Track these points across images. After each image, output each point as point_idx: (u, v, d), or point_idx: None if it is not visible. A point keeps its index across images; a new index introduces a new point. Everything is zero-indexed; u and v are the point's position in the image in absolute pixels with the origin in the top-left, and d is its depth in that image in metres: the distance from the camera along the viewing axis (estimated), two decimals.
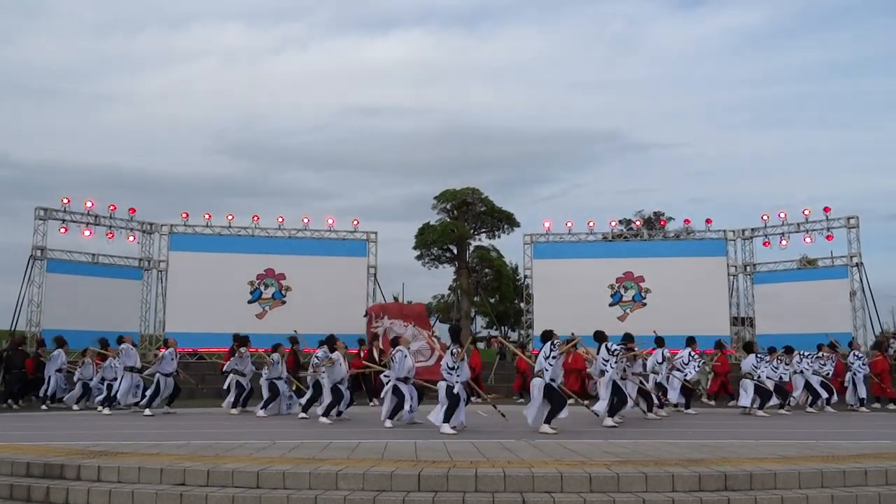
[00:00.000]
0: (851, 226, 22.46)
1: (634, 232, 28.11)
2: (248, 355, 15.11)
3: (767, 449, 8.28)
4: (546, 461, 7.17)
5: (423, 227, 39.22)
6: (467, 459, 7.26)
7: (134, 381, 14.83)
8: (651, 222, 38.06)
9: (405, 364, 11.85)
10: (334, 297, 22.65)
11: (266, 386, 14.34)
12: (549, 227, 25.02)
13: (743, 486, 6.42)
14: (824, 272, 23.22)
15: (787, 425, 12.24)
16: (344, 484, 6.39)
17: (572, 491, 6.28)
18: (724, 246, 24.15)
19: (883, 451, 8.03)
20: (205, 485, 6.59)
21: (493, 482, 6.33)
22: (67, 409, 16.16)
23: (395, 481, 6.39)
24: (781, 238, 23.39)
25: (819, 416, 13.95)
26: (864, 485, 6.69)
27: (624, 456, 7.61)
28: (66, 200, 22.08)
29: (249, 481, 6.52)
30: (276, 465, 6.81)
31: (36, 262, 21.38)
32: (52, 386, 16.76)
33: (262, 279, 23.63)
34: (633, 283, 23.98)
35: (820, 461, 7.24)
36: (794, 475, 6.60)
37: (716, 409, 16.65)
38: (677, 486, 6.36)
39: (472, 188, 39.71)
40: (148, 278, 23.58)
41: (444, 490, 6.30)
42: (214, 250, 23.46)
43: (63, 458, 7.38)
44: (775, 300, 22.42)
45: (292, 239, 24.26)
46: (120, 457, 7.47)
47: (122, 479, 6.84)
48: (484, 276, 40.10)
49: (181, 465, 6.89)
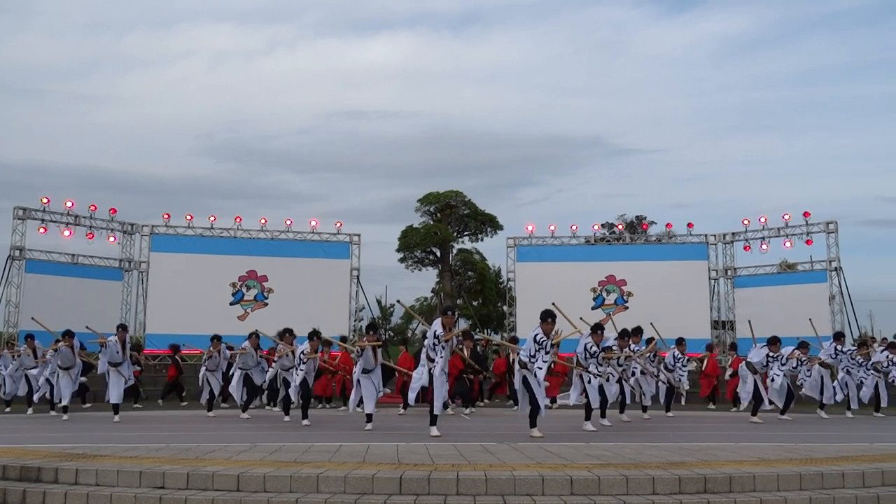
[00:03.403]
0: (830, 231, 22.71)
1: (617, 236, 28.24)
2: (217, 353, 15.05)
3: (746, 452, 8.33)
4: (527, 464, 7.17)
5: (407, 230, 39.25)
6: (449, 462, 7.25)
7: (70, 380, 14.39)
8: (633, 226, 38.24)
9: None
10: (317, 299, 22.59)
11: (240, 381, 14.27)
12: (533, 231, 25.11)
13: (722, 488, 6.46)
14: (804, 276, 23.51)
15: (765, 428, 12.33)
16: (325, 487, 6.36)
17: (553, 494, 6.28)
18: (705, 250, 24.36)
19: (860, 455, 8.10)
20: (185, 488, 6.52)
21: (475, 485, 6.32)
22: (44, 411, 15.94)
23: (377, 484, 6.37)
24: (762, 242, 23.63)
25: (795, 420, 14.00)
26: (842, 487, 6.74)
27: (605, 459, 7.62)
28: (45, 200, 21.89)
29: (230, 484, 6.46)
30: (257, 468, 6.76)
31: (14, 263, 21.17)
32: (9, 388, 16.45)
33: (244, 281, 23.53)
34: (615, 286, 24.12)
35: (798, 464, 7.30)
36: (772, 478, 6.64)
37: (707, 412, 16.76)
38: (658, 488, 6.38)
39: (455, 191, 39.83)
40: (129, 279, 23.43)
41: (425, 493, 6.29)
42: (196, 251, 23.36)
43: (40, 460, 7.29)
44: (756, 304, 22.56)
45: (275, 241, 24.18)
46: (98, 459, 7.39)
47: (101, 482, 6.76)
48: (467, 278, 40.17)
49: (161, 467, 6.82)
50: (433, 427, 10.32)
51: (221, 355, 15.16)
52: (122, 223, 23.43)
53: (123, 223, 23.48)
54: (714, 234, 24.53)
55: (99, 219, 22.85)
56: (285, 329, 13.66)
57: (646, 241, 27.86)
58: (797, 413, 14.72)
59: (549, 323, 10.26)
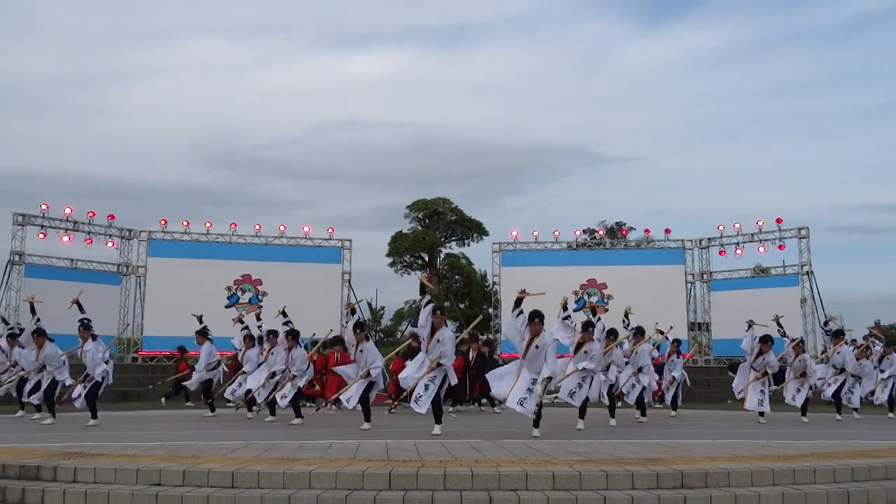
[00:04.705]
0: (802, 236, 22.89)
1: (597, 241, 28.36)
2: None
3: (722, 448, 8.38)
4: (512, 460, 7.19)
5: (396, 236, 39.24)
6: (437, 459, 7.25)
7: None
8: (613, 232, 38.34)
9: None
10: (309, 302, 22.40)
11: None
12: (517, 236, 25.19)
13: (699, 483, 6.49)
14: (776, 280, 23.66)
15: (740, 426, 12.39)
16: (317, 483, 6.35)
17: (537, 489, 6.30)
18: (682, 255, 24.49)
19: (830, 451, 8.17)
20: (181, 485, 6.50)
21: (462, 481, 6.32)
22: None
23: (367, 480, 6.37)
24: (736, 248, 23.78)
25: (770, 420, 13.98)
26: (814, 483, 6.79)
27: (586, 455, 7.65)
28: (44, 206, 21.72)
29: (225, 481, 6.44)
30: (251, 465, 6.74)
31: (14, 268, 21.01)
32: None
33: (239, 284, 23.47)
34: (595, 289, 24.20)
35: (771, 460, 7.35)
36: (746, 473, 6.68)
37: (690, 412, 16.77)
38: (636, 483, 6.41)
39: (443, 198, 39.88)
40: (126, 283, 23.29)
41: (413, 489, 6.29)
42: (192, 256, 23.25)
43: (39, 459, 7.23)
44: (730, 306, 22.71)
45: (269, 246, 24.12)
46: (96, 458, 7.34)
47: (99, 480, 6.72)
48: (454, 282, 40.15)
49: (157, 465, 6.78)
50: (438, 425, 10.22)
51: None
52: (120, 229, 23.30)
53: (121, 229, 23.34)
54: (690, 239, 24.66)
55: (97, 225, 22.72)
56: (269, 331, 13.61)
57: (625, 247, 28.04)
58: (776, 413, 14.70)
59: (536, 323, 9.96)
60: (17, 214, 21.29)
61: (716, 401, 19.42)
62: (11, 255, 21.04)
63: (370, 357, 11.42)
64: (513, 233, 25.31)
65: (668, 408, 15.51)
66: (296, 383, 12.58)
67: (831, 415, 14.56)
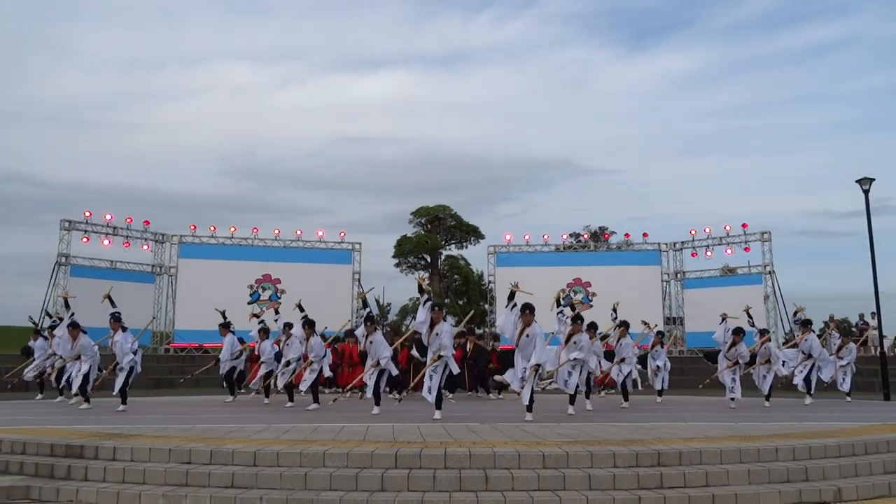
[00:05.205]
0: (765, 239, 22.89)
1: (583, 244, 28.38)
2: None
3: (695, 430, 8.37)
4: (506, 442, 7.17)
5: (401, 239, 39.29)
6: (438, 440, 7.24)
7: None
8: (597, 236, 38.28)
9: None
10: (323, 299, 22.39)
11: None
12: (510, 240, 25.23)
13: (673, 462, 6.48)
14: (742, 279, 23.65)
15: (711, 410, 12.38)
16: (330, 462, 6.34)
17: (528, 467, 6.29)
18: (658, 256, 24.51)
19: (790, 432, 8.16)
20: (208, 463, 6.50)
21: (460, 460, 6.32)
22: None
23: (375, 460, 6.36)
24: (706, 250, 23.83)
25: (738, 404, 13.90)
26: (776, 460, 6.79)
27: (573, 437, 7.64)
28: (87, 213, 21.89)
29: (248, 460, 6.44)
30: (271, 446, 6.73)
31: (61, 268, 21.06)
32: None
33: (260, 283, 23.54)
34: (581, 287, 24.21)
35: (739, 441, 7.33)
36: (716, 452, 6.67)
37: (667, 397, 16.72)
38: (618, 462, 6.40)
39: (443, 206, 39.90)
40: (160, 282, 23.36)
41: (417, 467, 6.28)
42: (219, 258, 23.35)
43: (83, 440, 7.23)
44: (701, 303, 22.73)
45: (287, 248, 24.19)
46: (133, 439, 7.34)
47: (135, 459, 6.73)
48: (454, 281, 40.15)
49: (187, 446, 6.78)
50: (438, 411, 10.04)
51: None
52: (154, 233, 23.35)
53: (155, 233, 23.39)
54: (665, 242, 24.71)
55: (134, 230, 22.79)
56: (285, 323, 13.58)
57: (607, 249, 28.02)
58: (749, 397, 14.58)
59: (527, 314, 9.86)
60: (64, 220, 21.37)
61: (689, 387, 19.36)
62: (59, 257, 21.15)
63: (379, 348, 11.38)
64: (506, 236, 25.45)
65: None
66: (314, 368, 12.54)
67: (794, 400, 14.54)
